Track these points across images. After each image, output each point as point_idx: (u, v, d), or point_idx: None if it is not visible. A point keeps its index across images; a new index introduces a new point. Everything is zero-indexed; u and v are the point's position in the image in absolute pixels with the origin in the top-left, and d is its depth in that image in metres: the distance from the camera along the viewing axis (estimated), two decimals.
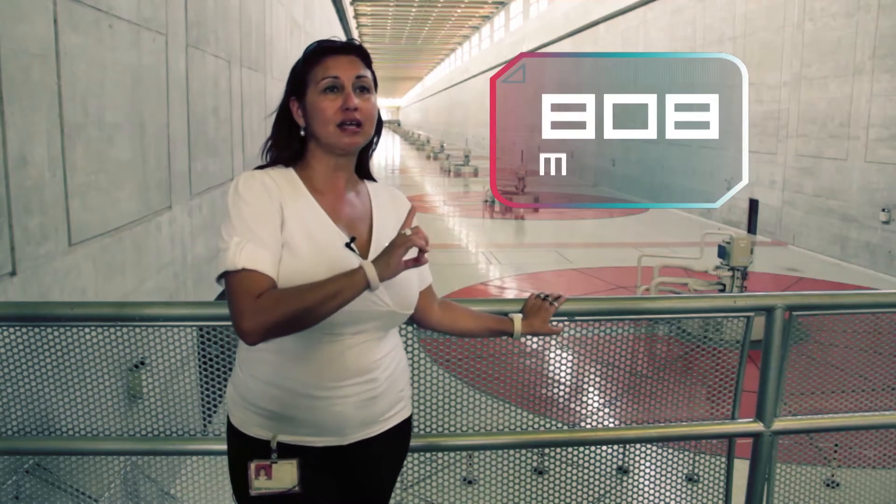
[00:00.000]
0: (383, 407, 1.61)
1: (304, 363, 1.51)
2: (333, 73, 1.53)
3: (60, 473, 2.25)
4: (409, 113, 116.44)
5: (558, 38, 28.45)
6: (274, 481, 1.53)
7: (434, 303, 1.83)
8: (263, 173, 1.54)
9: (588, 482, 2.38)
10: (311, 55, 1.57)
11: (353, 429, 1.57)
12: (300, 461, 1.54)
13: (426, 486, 2.39)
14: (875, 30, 11.34)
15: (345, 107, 1.52)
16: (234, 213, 1.47)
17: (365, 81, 1.56)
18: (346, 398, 1.53)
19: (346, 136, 1.53)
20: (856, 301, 2.53)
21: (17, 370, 2.06)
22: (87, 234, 3.18)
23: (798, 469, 2.52)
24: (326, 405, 1.52)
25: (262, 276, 1.42)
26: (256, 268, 1.42)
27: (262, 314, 1.39)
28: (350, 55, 1.56)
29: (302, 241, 1.48)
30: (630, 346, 2.36)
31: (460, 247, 13.77)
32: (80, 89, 3.13)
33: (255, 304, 1.39)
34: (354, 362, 1.53)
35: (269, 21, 8.98)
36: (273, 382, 1.53)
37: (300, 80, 1.57)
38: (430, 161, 36.24)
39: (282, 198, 1.50)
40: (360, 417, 1.57)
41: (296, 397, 1.52)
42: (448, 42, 59.74)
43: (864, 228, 11.61)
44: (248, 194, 1.48)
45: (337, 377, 1.52)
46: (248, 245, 1.43)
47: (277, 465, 1.53)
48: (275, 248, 1.45)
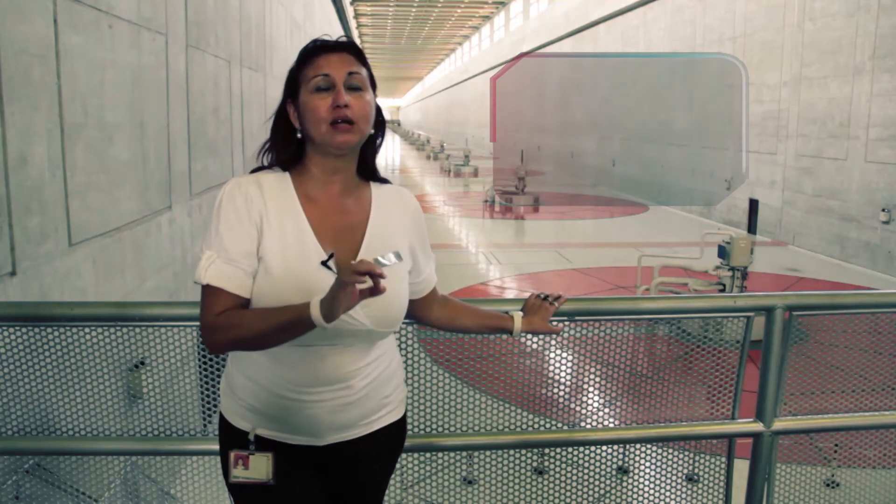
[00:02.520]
0: (361, 413, 1.61)
1: (283, 366, 1.53)
2: (323, 72, 1.50)
3: (60, 473, 2.25)
4: (409, 113, 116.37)
5: (558, 39, 28.43)
6: (250, 471, 1.58)
7: (434, 301, 1.82)
8: (253, 180, 1.52)
9: (588, 482, 2.38)
10: (302, 56, 1.55)
11: (327, 432, 1.59)
12: (277, 455, 1.58)
13: (426, 486, 2.39)
14: (875, 30, 11.34)
15: (335, 104, 1.48)
16: (213, 226, 1.50)
17: (357, 79, 1.52)
18: (319, 402, 1.54)
19: (339, 135, 1.49)
20: (856, 301, 2.53)
21: (17, 370, 2.06)
22: (87, 234, 3.18)
23: (798, 469, 2.52)
24: (299, 407, 1.54)
25: (226, 295, 1.45)
26: (221, 285, 1.45)
27: (218, 332, 1.45)
28: (341, 53, 1.53)
29: (275, 259, 1.47)
30: (630, 346, 2.36)
31: (460, 247, 13.77)
32: (80, 89, 3.13)
33: (213, 321, 1.45)
34: (330, 371, 1.53)
35: (269, 21, 8.98)
36: (255, 380, 1.56)
37: (294, 81, 1.55)
38: (431, 161, 36.24)
39: (264, 210, 1.49)
40: (333, 422, 1.58)
41: (273, 397, 1.55)
42: (448, 42, 59.72)
43: (864, 228, 11.61)
44: (229, 207, 1.49)
45: (310, 383, 1.53)
46: (217, 261, 1.46)
47: (255, 456, 1.58)
48: (245, 265, 1.47)
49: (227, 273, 1.46)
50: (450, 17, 46.15)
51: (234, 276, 1.46)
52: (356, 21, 44.86)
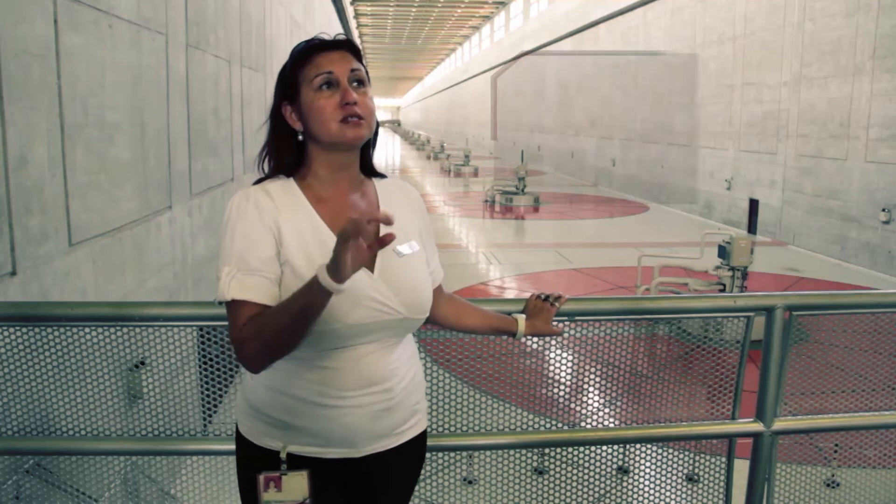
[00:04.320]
0: (398, 419, 1.57)
1: (314, 372, 1.48)
2: (327, 69, 1.48)
3: (60, 473, 2.25)
4: (409, 113, 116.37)
5: (558, 39, 28.42)
6: (284, 493, 1.49)
7: (442, 297, 1.81)
8: (259, 189, 1.50)
9: (588, 482, 2.38)
10: (298, 56, 1.52)
11: (366, 441, 1.53)
12: (310, 472, 1.50)
13: (426, 486, 2.39)
14: (875, 30, 11.34)
15: (344, 102, 1.47)
16: (227, 241, 1.45)
17: (360, 74, 1.51)
18: (359, 408, 1.49)
19: (351, 130, 1.48)
20: (856, 301, 2.53)
21: (17, 370, 2.06)
22: (88, 234, 3.18)
23: (798, 469, 2.52)
24: (336, 415, 1.48)
25: (252, 306, 1.41)
26: (246, 297, 1.41)
27: (247, 343, 1.39)
28: (341, 50, 1.52)
29: (300, 259, 1.45)
30: (630, 346, 2.36)
31: (460, 247, 13.77)
32: (80, 89, 3.13)
33: (240, 334, 1.40)
34: (369, 371, 1.49)
35: (269, 21, 8.98)
36: (283, 391, 1.50)
37: (291, 82, 1.52)
38: (431, 161, 36.21)
39: (277, 215, 1.46)
40: (373, 429, 1.52)
41: (305, 406, 1.49)
42: (448, 42, 59.71)
43: (864, 228, 11.60)
44: (240, 219, 1.45)
45: (348, 386, 1.48)
46: (237, 275, 1.42)
47: (287, 476, 1.49)
48: (268, 271, 1.43)
49: (250, 284, 1.42)
50: (450, 17, 46.14)
51: (258, 285, 1.42)
52: (356, 21, 44.85)
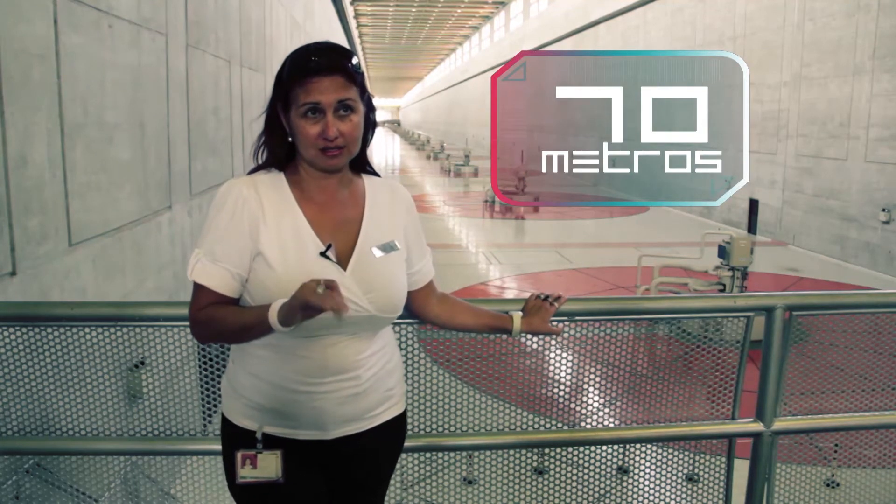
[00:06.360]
0: (368, 404, 1.64)
1: (288, 360, 1.56)
2: (314, 100, 1.50)
3: (60, 473, 2.25)
4: (409, 113, 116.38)
5: (558, 38, 28.43)
6: (259, 471, 1.59)
7: (433, 296, 1.84)
8: (248, 181, 1.57)
9: (588, 482, 2.38)
10: (295, 71, 1.52)
11: (335, 424, 1.61)
12: (284, 453, 1.59)
13: (426, 486, 2.39)
14: (875, 30, 11.34)
15: (324, 136, 1.51)
16: (206, 225, 1.57)
17: (348, 102, 1.52)
18: (327, 394, 1.57)
19: (328, 160, 1.54)
20: (856, 301, 2.53)
21: (17, 370, 2.06)
22: (87, 234, 3.18)
23: (798, 469, 2.52)
24: (306, 400, 1.57)
25: (209, 292, 1.54)
26: (204, 283, 1.54)
27: (198, 326, 1.56)
28: (333, 76, 1.50)
29: (275, 254, 1.52)
30: (630, 346, 2.36)
31: (460, 247, 13.77)
32: (80, 89, 3.13)
33: (195, 315, 1.55)
34: (335, 361, 1.57)
35: (269, 21, 8.99)
36: (259, 376, 1.58)
37: (284, 92, 1.54)
38: (431, 161, 36.22)
39: (260, 210, 1.54)
40: (341, 414, 1.60)
41: (280, 391, 1.57)
42: (448, 42, 59.73)
43: (864, 228, 11.61)
44: (221, 208, 1.55)
45: (317, 374, 1.56)
46: (203, 260, 1.54)
47: (262, 455, 1.59)
48: (230, 264, 1.53)
49: (211, 272, 1.53)
50: (450, 17, 46.15)
51: (217, 275, 1.53)
52: (356, 21, 44.85)
